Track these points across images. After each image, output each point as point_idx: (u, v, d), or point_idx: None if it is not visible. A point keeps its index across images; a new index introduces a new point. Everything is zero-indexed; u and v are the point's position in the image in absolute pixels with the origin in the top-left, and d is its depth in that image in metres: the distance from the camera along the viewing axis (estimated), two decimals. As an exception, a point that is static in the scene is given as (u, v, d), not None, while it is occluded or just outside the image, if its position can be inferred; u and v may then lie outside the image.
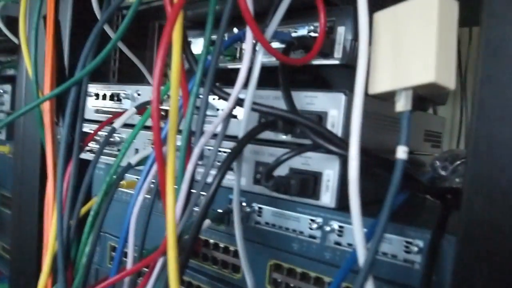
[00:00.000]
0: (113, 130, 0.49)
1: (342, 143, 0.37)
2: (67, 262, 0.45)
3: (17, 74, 0.73)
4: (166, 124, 0.40)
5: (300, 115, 0.39)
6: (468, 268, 0.34)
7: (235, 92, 0.37)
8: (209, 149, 0.50)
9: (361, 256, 0.32)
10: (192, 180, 0.37)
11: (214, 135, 0.38)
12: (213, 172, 0.37)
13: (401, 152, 0.31)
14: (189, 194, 0.37)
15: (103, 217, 0.46)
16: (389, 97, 0.34)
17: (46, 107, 0.47)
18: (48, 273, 0.44)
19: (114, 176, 0.48)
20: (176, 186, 0.36)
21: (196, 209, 0.38)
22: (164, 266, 0.38)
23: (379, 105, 0.49)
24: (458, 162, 0.55)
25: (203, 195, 0.36)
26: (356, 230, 0.32)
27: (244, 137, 0.37)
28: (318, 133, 0.37)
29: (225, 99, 0.38)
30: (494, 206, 0.31)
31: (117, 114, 0.51)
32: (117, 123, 0.49)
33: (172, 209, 0.32)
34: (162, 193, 0.33)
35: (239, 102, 0.38)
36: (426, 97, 0.59)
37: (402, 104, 0.33)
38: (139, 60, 0.72)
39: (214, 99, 0.51)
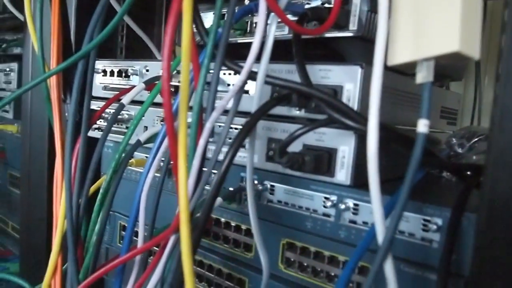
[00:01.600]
0: (122, 107, 0.48)
1: (359, 117, 0.36)
2: (77, 241, 0.44)
3: (23, 52, 0.72)
4: (176, 99, 0.39)
5: (315, 88, 0.37)
6: (489, 247, 0.32)
7: (248, 64, 0.35)
8: (220, 126, 0.49)
9: (380, 234, 0.31)
10: (204, 156, 0.35)
11: (226, 112, 0.37)
12: (225, 149, 0.36)
13: (422, 126, 0.30)
14: (200, 170, 0.35)
15: (112, 195, 0.46)
16: (409, 69, 0.33)
17: (53, 82, 0.46)
18: (58, 252, 0.44)
19: (123, 154, 0.47)
20: (187, 164, 0.35)
21: (207, 187, 0.37)
22: (176, 244, 0.37)
23: (395, 79, 0.48)
24: (476, 139, 0.53)
25: (214, 173, 0.35)
26: (375, 207, 0.30)
27: (257, 111, 0.36)
28: (334, 107, 0.36)
29: (238, 72, 0.37)
30: (521, 182, 0.30)
31: (125, 90, 0.50)
32: (126, 99, 0.48)
33: (184, 184, 0.31)
34: (174, 168, 0.31)
35: (252, 75, 0.36)
36: (443, 72, 0.57)
37: (423, 75, 0.31)
38: (147, 36, 0.70)
39: (225, 74, 0.49)
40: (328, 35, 0.46)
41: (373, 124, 0.31)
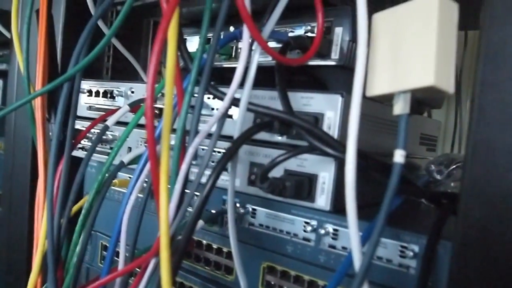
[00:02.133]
0: (106, 128, 0.48)
1: (338, 145, 0.37)
2: (57, 261, 0.44)
3: (9, 69, 0.72)
4: (160, 123, 0.40)
5: (297, 116, 0.38)
6: (464, 274, 0.33)
7: (231, 91, 0.36)
8: (203, 149, 0.50)
9: (357, 260, 0.31)
10: (186, 180, 0.36)
11: (209, 135, 0.37)
12: (208, 172, 0.36)
13: (399, 156, 0.31)
14: (182, 194, 0.36)
15: (94, 215, 0.46)
16: (386, 100, 0.34)
17: (38, 103, 0.46)
18: (38, 272, 0.44)
19: (106, 175, 0.47)
20: (169, 186, 0.35)
21: (189, 209, 0.37)
22: (157, 267, 0.38)
23: (375, 107, 0.49)
24: (454, 166, 0.54)
25: (196, 195, 0.36)
26: (352, 234, 0.31)
27: (239, 137, 0.37)
28: (315, 135, 0.37)
29: (221, 99, 0.38)
30: (493, 211, 0.31)
31: (110, 112, 0.50)
32: (110, 121, 0.49)
33: (165, 209, 0.31)
34: (155, 192, 0.32)
35: (235, 102, 0.37)
36: (422, 101, 0.59)
37: (400, 107, 0.32)
38: (133, 57, 0.71)
39: (209, 98, 0.50)
40: (310, 63, 0.47)
41: (351, 153, 0.31)
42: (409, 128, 0.31)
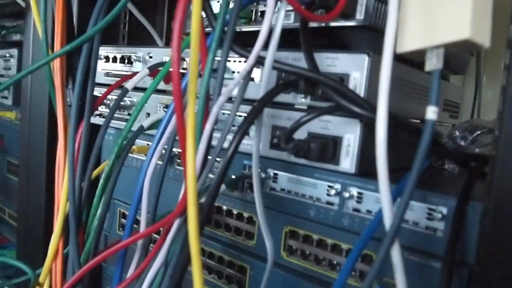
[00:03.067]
0: (125, 92, 0.48)
1: (366, 104, 0.36)
2: (78, 224, 0.44)
3: (24, 38, 0.71)
4: (185, 77, 0.39)
5: (323, 74, 0.37)
6: (494, 235, 0.33)
7: (256, 49, 0.35)
8: (225, 114, 0.49)
9: (387, 220, 0.30)
10: (210, 140, 0.35)
11: (231, 99, 0.36)
12: (230, 137, 0.36)
13: (431, 113, 0.30)
14: (206, 155, 0.35)
15: (114, 180, 0.45)
16: (417, 57, 0.33)
17: (57, 66, 0.45)
18: (60, 235, 0.44)
19: (126, 140, 0.47)
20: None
21: (211, 175, 0.37)
22: (180, 228, 0.37)
23: (402, 69, 0.48)
24: (478, 132, 0.53)
25: (219, 161, 0.35)
26: (383, 192, 0.30)
27: (265, 95, 0.36)
28: (341, 93, 0.36)
29: (245, 57, 0.37)
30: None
31: (128, 76, 0.50)
32: (129, 85, 0.48)
33: (192, 161, 0.31)
34: (181, 145, 0.31)
35: (260, 60, 0.36)
36: (447, 64, 0.57)
37: (432, 63, 0.31)
38: (149, 23, 0.70)
39: (230, 61, 0.49)
40: (334, 24, 0.46)
41: (382, 112, 0.30)
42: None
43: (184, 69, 0.52)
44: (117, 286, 0.42)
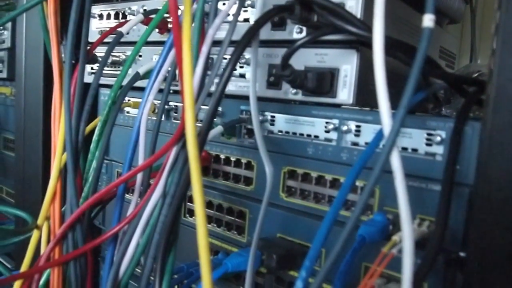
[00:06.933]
0: (120, 35, 0.47)
1: (363, 24, 0.36)
2: (76, 166, 0.43)
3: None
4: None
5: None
6: (493, 153, 0.32)
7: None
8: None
9: (387, 126, 0.30)
10: (207, 64, 0.35)
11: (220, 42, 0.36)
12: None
13: (428, 20, 0.29)
14: (203, 78, 0.35)
15: (111, 125, 0.45)
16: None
17: (51, 9, 0.45)
18: (57, 176, 0.43)
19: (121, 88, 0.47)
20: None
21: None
22: (178, 156, 0.37)
23: (399, 7, 0.48)
24: (476, 75, 0.53)
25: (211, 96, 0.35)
26: (381, 97, 0.30)
27: (260, 17, 0.35)
28: (338, 14, 0.36)
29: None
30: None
31: (123, 22, 0.49)
32: (124, 28, 0.47)
33: (190, 80, 0.30)
34: (179, 64, 0.31)
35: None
36: (443, 10, 0.57)
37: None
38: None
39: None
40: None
41: (379, 27, 0.30)
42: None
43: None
44: (116, 225, 0.42)
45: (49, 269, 0.44)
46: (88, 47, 0.46)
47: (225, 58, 0.34)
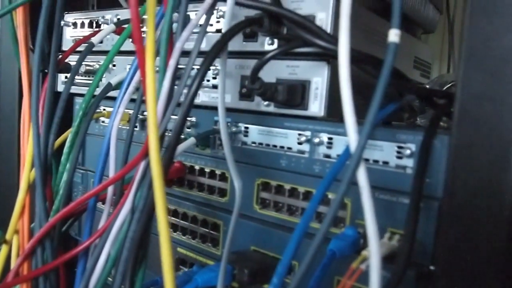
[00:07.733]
0: (91, 46, 0.47)
1: (331, 38, 0.36)
2: (45, 177, 0.42)
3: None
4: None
5: (287, 9, 0.37)
6: (460, 167, 0.32)
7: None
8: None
9: (353, 142, 0.30)
10: (175, 78, 0.35)
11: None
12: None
13: (393, 35, 0.30)
14: (171, 92, 0.35)
15: (83, 135, 0.44)
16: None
17: (20, 19, 0.44)
18: (26, 189, 0.42)
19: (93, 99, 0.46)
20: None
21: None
22: (147, 170, 0.36)
23: (367, 17, 0.48)
24: (448, 85, 0.53)
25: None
26: (347, 112, 0.30)
27: (228, 30, 0.35)
28: (306, 28, 0.36)
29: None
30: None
31: (95, 32, 0.49)
32: (96, 39, 0.47)
33: (153, 99, 0.30)
34: (143, 84, 0.30)
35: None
36: (416, 20, 0.57)
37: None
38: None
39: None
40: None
41: (345, 38, 0.30)
42: (403, 48, 0.30)
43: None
44: (87, 239, 0.41)
45: (18, 286, 0.43)
46: (61, 56, 0.46)
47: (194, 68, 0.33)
